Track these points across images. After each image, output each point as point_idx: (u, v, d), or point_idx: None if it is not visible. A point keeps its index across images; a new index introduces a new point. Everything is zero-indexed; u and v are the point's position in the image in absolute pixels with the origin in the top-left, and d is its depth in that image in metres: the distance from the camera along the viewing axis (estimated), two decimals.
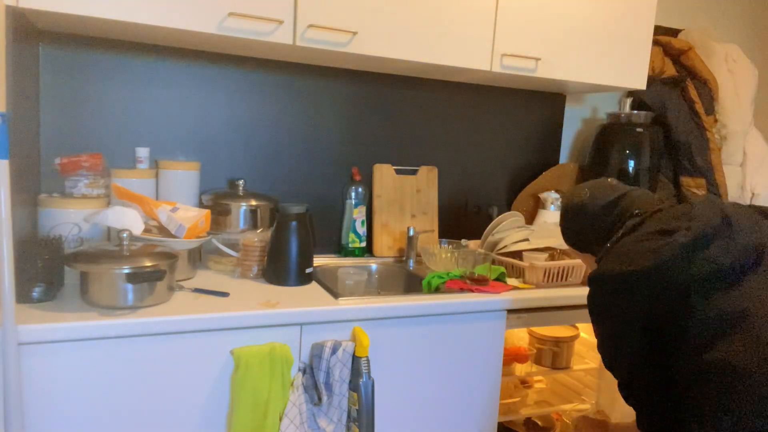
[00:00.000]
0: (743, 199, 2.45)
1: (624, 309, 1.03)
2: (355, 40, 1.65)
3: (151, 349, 1.28)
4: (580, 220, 1.28)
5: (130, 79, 1.76)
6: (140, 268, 1.30)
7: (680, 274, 0.96)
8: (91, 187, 1.62)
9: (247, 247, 1.65)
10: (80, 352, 1.22)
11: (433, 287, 1.74)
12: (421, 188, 2.18)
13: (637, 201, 1.20)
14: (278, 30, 1.56)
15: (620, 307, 1.03)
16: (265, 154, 1.96)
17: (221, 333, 1.34)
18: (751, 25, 2.84)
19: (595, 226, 1.25)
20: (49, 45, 1.66)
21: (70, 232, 1.53)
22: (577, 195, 1.30)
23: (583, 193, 1.29)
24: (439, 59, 1.77)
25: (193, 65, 1.83)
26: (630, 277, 1.01)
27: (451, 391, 1.62)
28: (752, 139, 2.46)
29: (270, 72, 1.93)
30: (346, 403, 1.42)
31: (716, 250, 0.96)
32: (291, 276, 1.60)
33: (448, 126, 2.23)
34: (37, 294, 1.31)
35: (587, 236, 1.27)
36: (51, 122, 1.69)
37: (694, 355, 0.95)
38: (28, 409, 1.20)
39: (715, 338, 0.93)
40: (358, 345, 1.42)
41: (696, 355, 0.94)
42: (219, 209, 1.77)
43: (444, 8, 1.75)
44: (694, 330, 0.95)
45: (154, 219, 1.57)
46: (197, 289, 1.48)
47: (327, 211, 2.07)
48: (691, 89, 2.36)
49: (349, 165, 2.08)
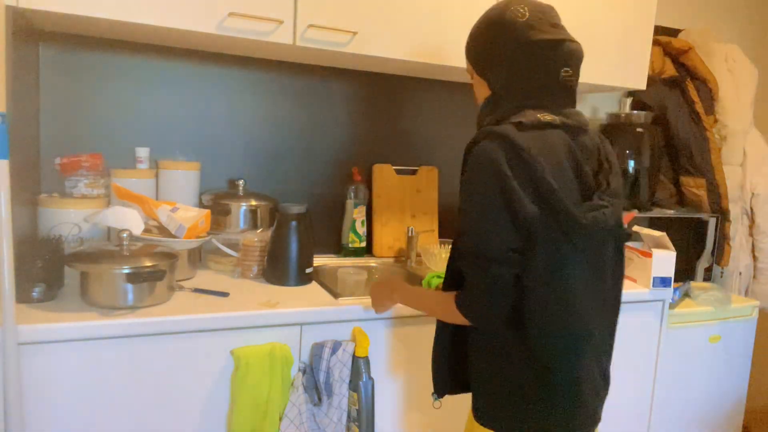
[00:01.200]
0: (743, 199, 2.45)
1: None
2: (355, 40, 1.65)
3: (151, 349, 1.28)
4: (501, 41, 1.10)
5: (130, 79, 1.76)
6: (140, 268, 1.30)
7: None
8: (91, 187, 1.62)
9: (247, 247, 1.65)
10: (80, 352, 1.22)
11: (433, 287, 1.74)
12: (421, 188, 2.18)
13: (570, 58, 1.11)
14: (278, 30, 1.56)
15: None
16: (265, 154, 1.96)
17: (221, 333, 1.34)
18: (751, 25, 2.84)
19: (520, 64, 1.09)
20: (49, 45, 1.66)
21: (70, 232, 1.53)
22: (512, 11, 1.10)
23: (520, 12, 1.09)
24: (439, 59, 1.77)
25: (193, 65, 1.83)
26: (542, 184, 1.01)
27: None
28: (752, 139, 2.46)
29: (270, 72, 1.93)
30: (346, 403, 1.42)
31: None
32: (291, 276, 1.60)
33: (448, 126, 2.23)
34: (37, 294, 1.31)
35: (496, 60, 1.11)
36: (51, 122, 1.69)
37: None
38: (28, 409, 1.19)
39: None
40: (358, 345, 1.42)
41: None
42: (219, 209, 1.77)
43: (444, 8, 1.75)
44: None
45: (154, 219, 1.57)
46: (197, 289, 1.48)
47: (327, 211, 2.07)
48: (691, 89, 2.36)
49: (349, 165, 2.08)
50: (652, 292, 1.83)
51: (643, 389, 1.92)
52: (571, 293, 1.03)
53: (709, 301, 2.06)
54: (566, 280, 1.03)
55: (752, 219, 2.47)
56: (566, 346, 1.05)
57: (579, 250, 1.04)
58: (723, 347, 2.10)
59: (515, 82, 1.11)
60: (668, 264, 1.83)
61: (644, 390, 1.92)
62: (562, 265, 1.03)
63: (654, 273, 1.82)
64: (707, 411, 2.13)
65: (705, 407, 2.12)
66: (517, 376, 1.07)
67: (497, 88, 1.13)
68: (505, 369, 1.09)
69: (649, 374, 1.92)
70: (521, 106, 1.10)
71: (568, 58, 1.10)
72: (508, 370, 1.08)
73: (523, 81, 1.10)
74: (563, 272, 1.03)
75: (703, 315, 2.03)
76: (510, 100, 1.11)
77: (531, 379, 1.06)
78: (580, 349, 1.06)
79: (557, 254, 1.02)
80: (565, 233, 1.02)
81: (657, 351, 1.90)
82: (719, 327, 2.07)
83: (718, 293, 2.10)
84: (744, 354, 2.16)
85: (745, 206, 2.46)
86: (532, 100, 1.10)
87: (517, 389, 1.07)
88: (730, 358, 2.13)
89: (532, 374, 1.06)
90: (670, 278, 1.84)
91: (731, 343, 2.11)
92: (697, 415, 2.11)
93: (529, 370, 1.06)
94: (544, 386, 1.06)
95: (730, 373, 2.15)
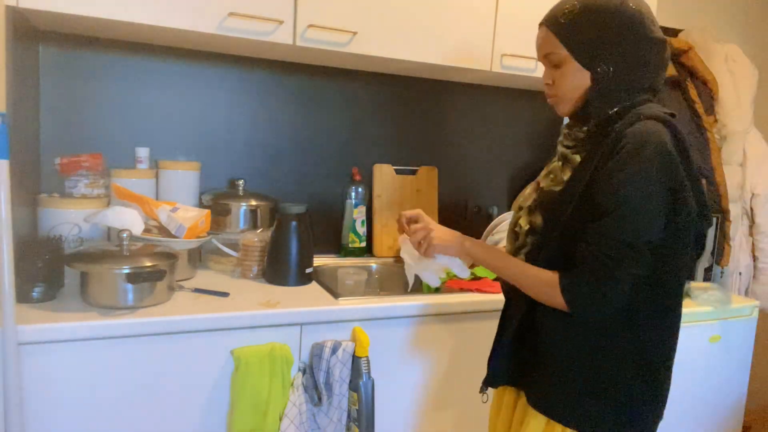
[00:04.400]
0: (743, 199, 2.45)
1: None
2: (355, 40, 1.65)
3: (151, 349, 1.28)
4: (624, 32, 1.02)
5: (130, 79, 1.76)
6: (140, 268, 1.30)
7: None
8: (91, 187, 1.62)
9: (247, 247, 1.65)
10: (80, 352, 1.22)
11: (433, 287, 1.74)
12: (421, 188, 2.18)
13: (668, 60, 1.09)
14: (278, 30, 1.56)
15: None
16: (265, 154, 1.96)
17: (221, 333, 1.34)
18: (751, 25, 2.84)
19: (637, 58, 1.03)
20: (49, 45, 1.66)
21: (70, 232, 1.53)
22: (634, 2, 1.04)
23: (642, 6, 1.05)
24: (439, 59, 1.77)
25: (193, 65, 1.83)
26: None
27: (451, 390, 1.62)
28: (752, 139, 2.46)
29: (270, 72, 1.93)
30: (346, 403, 1.42)
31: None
32: (291, 276, 1.60)
33: (448, 126, 2.23)
34: (37, 294, 1.31)
35: (614, 50, 1.03)
36: (51, 122, 1.68)
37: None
38: (28, 409, 1.19)
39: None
40: (358, 345, 1.42)
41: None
42: (219, 209, 1.77)
43: (444, 8, 1.75)
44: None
45: (154, 219, 1.57)
46: (197, 289, 1.48)
47: (327, 211, 2.07)
48: (691, 89, 2.36)
49: (349, 165, 2.08)
50: None
51: None
52: (681, 292, 1.07)
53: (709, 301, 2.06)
54: (682, 281, 1.06)
55: (752, 219, 2.47)
56: (672, 347, 1.09)
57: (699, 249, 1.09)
58: (723, 347, 2.09)
59: (628, 76, 1.04)
60: None
61: None
62: (684, 263, 1.06)
63: None
64: (707, 411, 2.13)
65: (705, 407, 2.12)
66: (617, 373, 1.04)
67: (606, 80, 1.04)
68: (602, 364, 1.05)
69: None
70: (638, 102, 1.04)
71: (669, 60, 1.09)
72: (607, 366, 1.04)
73: (638, 76, 1.04)
74: (683, 272, 1.06)
75: (703, 315, 2.02)
76: (621, 93, 1.05)
77: (633, 376, 1.05)
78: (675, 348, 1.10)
79: (687, 255, 1.05)
80: (699, 236, 1.05)
81: None
82: (719, 327, 2.06)
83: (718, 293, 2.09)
84: (744, 354, 2.16)
85: (745, 206, 2.46)
86: (642, 96, 1.06)
87: (616, 385, 1.05)
88: (730, 358, 2.12)
89: (634, 371, 1.05)
90: None
91: (731, 343, 2.11)
92: (696, 415, 2.11)
93: (633, 367, 1.05)
94: (646, 383, 1.06)
95: (730, 373, 2.14)
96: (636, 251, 0.96)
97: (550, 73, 1.13)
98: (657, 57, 1.05)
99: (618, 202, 0.96)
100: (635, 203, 0.95)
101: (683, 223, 0.99)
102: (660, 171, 0.95)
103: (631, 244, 0.96)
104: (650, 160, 0.95)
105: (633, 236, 0.95)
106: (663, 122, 0.99)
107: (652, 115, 1.00)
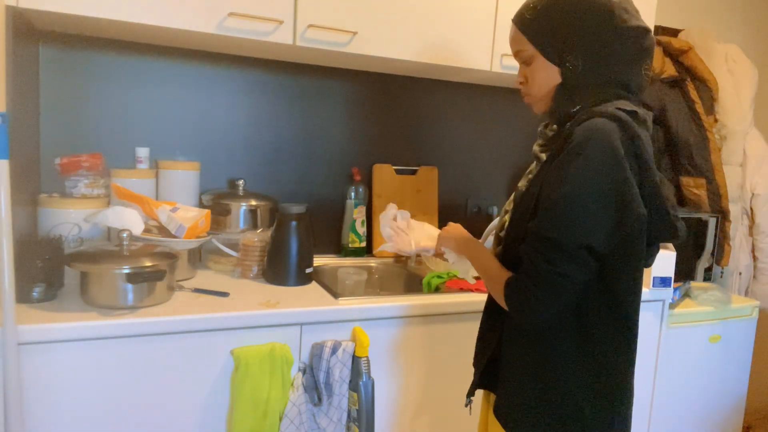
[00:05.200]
0: (743, 199, 2.45)
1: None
2: (355, 40, 1.65)
3: (151, 349, 1.28)
4: (592, 22, 0.97)
5: (130, 79, 1.76)
6: (140, 268, 1.30)
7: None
8: (91, 187, 1.62)
9: (247, 247, 1.65)
10: (80, 352, 1.22)
11: (433, 287, 1.74)
12: (421, 188, 2.18)
13: (651, 51, 1.01)
14: (278, 30, 1.56)
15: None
16: (265, 154, 1.96)
17: (221, 333, 1.34)
18: (751, 25, 2.84)
19: (609, 50, 0.97)
20: (49, 45, 1.66)
21: (70, 232, 1.53)
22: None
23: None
24: (439, 59, 1.77)
25: (193, 65, 1.83)
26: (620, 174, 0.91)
27: (451, 390, 1.62)
28: (752, 139, 2.46)
29: (270, 72, 1.93)
30: (346, 403, 1.42)
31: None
32: (291, 276, 1.60)
33: (448, 126, 2.23)
34: (37, 294, 1.31)
35: (581, 43, 0.98)
36: (51, 122, 1.68)
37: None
38: (28, 409, 1.19)
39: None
40: (358, 345, 1.42)
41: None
42: (219, 209, 1.77)
43: (444, 8, 1.75)
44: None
45: (154, 219, 1.57)
46: (197, 289, 1.48)
47: (327, 211, 2.07)
48: (691, 89, 2.36)
49: (349, 165, 2.08)
50: (652, 291, 1.83)
51: (644, 389, 1.92)
52: (637, 302, 1.01)
53: (709, 301, 2.06)
54: (638, 286, 1.01)
55: (752, 219, 2.47)
56: (628, 363, 1.02)
57: (650, 255, 1.03)
58: (723, 347, 2.10)
59: (598, 70, 0.98)
60: (668, 264, 1.83)
61: (644, 390, 1.92)
62: (639, 272, 1.00)
63: (654, 273, 1.82)
64: (707, 411, 2.13)
65: (705, 407, 2.12)
66: (565, 385, 0.99)
67: (573, 75, 0.99)
68: (551, 375, 1.00)
69: (649, 374, 1.92)
70: (604, 98, 0.98)
71: (651, 51, 1.00)
72: (554, 377, 0.99)
73: (608, 70, 0.98)
74: (638, 281, 1.01)
75: (703, 315, 2.03)
76: (589, 89, 0.99)
77: (584, 391, 0.99)
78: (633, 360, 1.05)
79: (640, 263, 0.99)
80: (656, 239, 0.98)
81: (657, 351, 1.90)
82: (719, 327, 2.07)
83: (718, 293, 2.10)
84: (744, 354, 2.16)
85: (745, 206, 2.46)
86: (612, 92, 0.99)
87: (567, 395, 0.99)
88: (730, 358, 2.12)
89: (585, 386, 0.99)
90: (670, 278, 1.84)
91: (731, 343, 2.11)
92: (697, 415, 2.11)
93: (584, 381, 0.99)
94: (597, 400, 1.00)
95: (730, 373, 2.15)
96: (568, 252, 0.90)
97: (523, 71, 1.08)
98: (631, 47, 0.98)
99: (553, 201, 0.92)
100: (569, 202, 0.90)
101: (631, 230, 0.92)
102: (600, 171, 0.89)
103: (563, 245, 0.90)
104: (591, 159, 0.90)
105: (567, 237, 0.90)
106: (618, 120, 0.93)
107: (605, 112, 0.94)
